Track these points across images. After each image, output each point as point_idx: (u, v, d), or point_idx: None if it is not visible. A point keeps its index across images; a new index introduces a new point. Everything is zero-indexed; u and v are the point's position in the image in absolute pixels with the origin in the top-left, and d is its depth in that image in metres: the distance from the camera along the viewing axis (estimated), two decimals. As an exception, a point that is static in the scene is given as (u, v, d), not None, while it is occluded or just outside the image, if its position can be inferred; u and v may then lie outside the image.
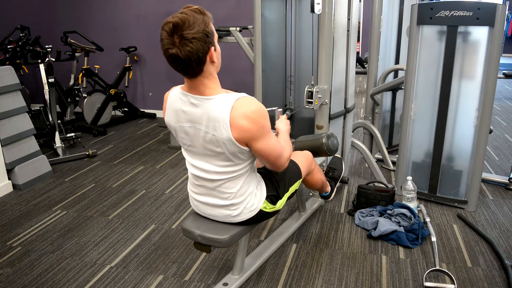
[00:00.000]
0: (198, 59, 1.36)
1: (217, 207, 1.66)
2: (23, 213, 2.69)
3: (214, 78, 1.46)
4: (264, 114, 1.46)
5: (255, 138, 1.46)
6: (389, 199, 2.54)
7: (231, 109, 1.41)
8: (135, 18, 4.79)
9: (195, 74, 1.41)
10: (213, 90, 1.45)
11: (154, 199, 2.85)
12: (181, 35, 1.32)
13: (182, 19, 1.32)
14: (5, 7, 5.14)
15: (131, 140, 4.19)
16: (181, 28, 1.31)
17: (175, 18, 1.32)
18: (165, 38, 1.34)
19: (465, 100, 2.47)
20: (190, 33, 1.31)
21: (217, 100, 1.43)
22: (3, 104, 2.98)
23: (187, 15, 1.33)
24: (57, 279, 2.01)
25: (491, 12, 2.26)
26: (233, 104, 1.41)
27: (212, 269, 2.07)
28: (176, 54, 1.33)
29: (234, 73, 4.42)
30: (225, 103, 1.42)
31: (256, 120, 1.43)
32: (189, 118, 1.49)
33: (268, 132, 1.50)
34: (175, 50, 1.33)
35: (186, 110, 1.49)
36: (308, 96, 2.37)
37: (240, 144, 1.46)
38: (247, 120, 1.41)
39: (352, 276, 1.99)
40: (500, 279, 1.94)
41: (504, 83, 6.61)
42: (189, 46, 1.32)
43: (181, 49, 1.33)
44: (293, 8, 2.86)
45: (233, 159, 1.52)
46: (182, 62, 1.36)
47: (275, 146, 1.56)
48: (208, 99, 1.44)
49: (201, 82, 1.44)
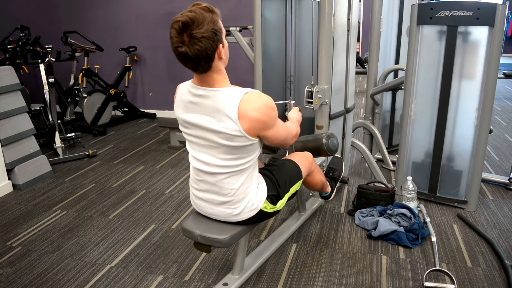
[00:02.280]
0: (207, 56, 1.40)
1: (218, 205, 1.66)
2: (23, 213, 2.69)
3: (222, 73, 1.51)
4: (274, 106, 1.54)
5: (266, 128, 1.52)
6: (389, 199, 2.54)
7: (240, 102, 1.45)
8: (135, 18, 4.79)
9: (204, 70, 1.45)
10: (221, 84, 1.50)
11: (154, 199, 2.85)
12: (190, 34, 1.35)
13: (191, 17, 1.34)
14: (5, 7, 5.14)
15: (131, 140, 4.19)
16: (190, 27, 1.34)
17: (184, 17, 1.35)
18: (175, 36, 1.37)
19: (465, 100, 2.47)
20: (199, 32, 1.35)
21: (225, 92, 1.48)
22: (3, 104, 2.98)
23: (196, 13, 1.35)
24: (57, 279, 2.01)
25: (491, 12, 2.26)
26: (242, 97, 1.46)
27: (212, 269, 2.07)
28: (186, 53, 1.37)
29: (234, 73, 4.41)
30: (233, 95, 1.46)
31: (266, 112, 1.49)
32: (197, 109, 1.53)
33: (277, 120, 1.57)
34: (185, 49, 1.36)
35: (194, 101, 1.53)
36: (308, 96, 2.37)
37: (251, 136, 1.50)
38: (258, 112, 1.47)
39: (352, 276, 1.99)
40: (500, 279, 1.94)
41: (504, 83, 6.61)
42: (198, 45, 1.36)
43: (190, 48, 1.36)
44: (293, 8, 2.87)
45: (236, 153, 1.55)
46: (192, 60, 1.40)
47: (283, 131, 1.65)
48: (216, 90, 1.48)
49: (210, 76, 1.48)
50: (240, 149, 1.54)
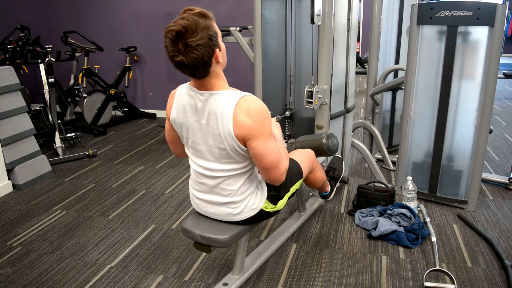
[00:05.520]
0: (204, 63, 1.38)
1: (218, 205, 1.66)
2: (23, 213, 2.69)
3: (221, 76, 1.50)
4: (266, 115, 1.47)
5: (254, 136, 1.45)
6: (389, 199, 2.54)
7: (236, 105, 1.44)
8: (135, 18, 4.79)
9: (202, 76, 1.43)
10: (219, 87, 1.49)
11: (154, 199, 2.85)
12: (185, 43, 1.32)
13: (185, 26, 1.31)
14: (5, 7, 5.14)
15: (131, 140, 4.19)
16: (185, 36, 1.31)
17: (177, 26, 1.31)
18: (170, 46, 1.35)
19: (465, 100, 2.47)
20: (194, 40, 1.32)
21: (222, 95, 1.47)
22: (3, 104, 2.98)
23: (189, 21, 1.32)
24: (57, 279, 2.01)
25: (491, 12, 2.26)
26: (238, 100, 1.44)
27: (212, 269, 2.07)
28: (183, 61, 1.35)
29: (234, 73, 4.42)
30: (230, 98, 1.45)
31: (256, 118, 1.44)
32: (195, 112, 1.52)
33: (268, 135, 1.49)
34: (181, 58, 1.34)
35: (193, 104, 1.52)
36: (308, 96, 2.37)
37: (239, 141, 1.47)
38: (247, 116, 1.43)
39: (352, 276, 1.99)
40: (500, 279, 1.94)
41: (504, 83, 6.61)
42: (194, 53, 1.34)
43: (186, 57, 1.34)
44: (293, 8, 2.87)
45: (235, 156, 1.53)
46: (189, 68, 1.38)
47: (273, 151, 1.50)
48: (214, 93, 1.47)
49: (208, 81, 1.47)
50: (237, 153, 1.52)
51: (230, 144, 1.48)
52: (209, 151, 1.56)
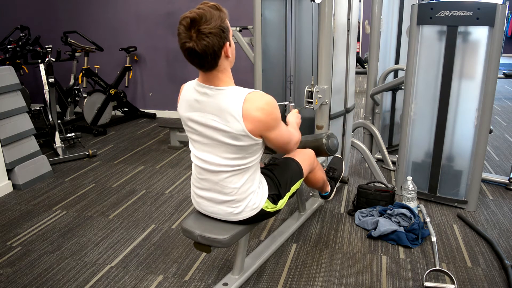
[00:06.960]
0: (213, 53, 1.41)
1: (219, 204, 1.66)
2: (23, 213, 2.69)
3: (228, 72, 1.53)
4: (276, 106, 1.54)
5: (269, 128, 1.53)
6: (389, 199, 2.54)
7: (244, 102, 1.46)
8: (135, 18, 4.79)
9: (210, 67, 1.46)
10: (226, 83, 1.52)
11: (154, 199, 2.85)
12: (198, 30, 1.37)
13: (200, 14, 1.37)
14: (5, 7, 5.14)
15: (131, 140, 4.19)
16: (199, 23, 1.37)
17: (192, 13, 1.38)
18: (183, 32, 1.39)
19: (465, 100, 2.47)
20: (207, 28, 1.37)
21: (229, 92, 1.49)
22: (3, 104, 2.98)
23: (204, 10, 1.38)
24: (57, 279, 2.01)
25: (491, 12, 2.26)
26: (246, 97, 1.47)
27: (212, 269, 2.07)
28: (193, 48, 1.39)
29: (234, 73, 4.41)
30: (237, 95, 1.48)
31: (269, 112, 1.50)
32: (201, 107, 1.54)
33: (280, 122, 1.58)
34: (192, 44, 1.38)
35: (199, 99, 1.54)
36: (308, 96, 2.37)
37: (254, 136, 1.51)
38: (261, 112, 1.48)
39: (352, 276, 1.99)
40: (500, 279, 1.94)
41: (504, 83, 6.62)
42: (206, 41, 1.38)
43: (197, 43, 1.38)
44: (293, 8, 2.86)
45: (240, 152, 1.55)
46: (198, 56, 1.41)
47: (286, 134, 1.65)
48: (220, 89, 1.50)
49: (215, 75, 1.49)
50: (244, 148, 1.55)
51: (241, 140, 1.51)
52: (214, 146, 1.57)
